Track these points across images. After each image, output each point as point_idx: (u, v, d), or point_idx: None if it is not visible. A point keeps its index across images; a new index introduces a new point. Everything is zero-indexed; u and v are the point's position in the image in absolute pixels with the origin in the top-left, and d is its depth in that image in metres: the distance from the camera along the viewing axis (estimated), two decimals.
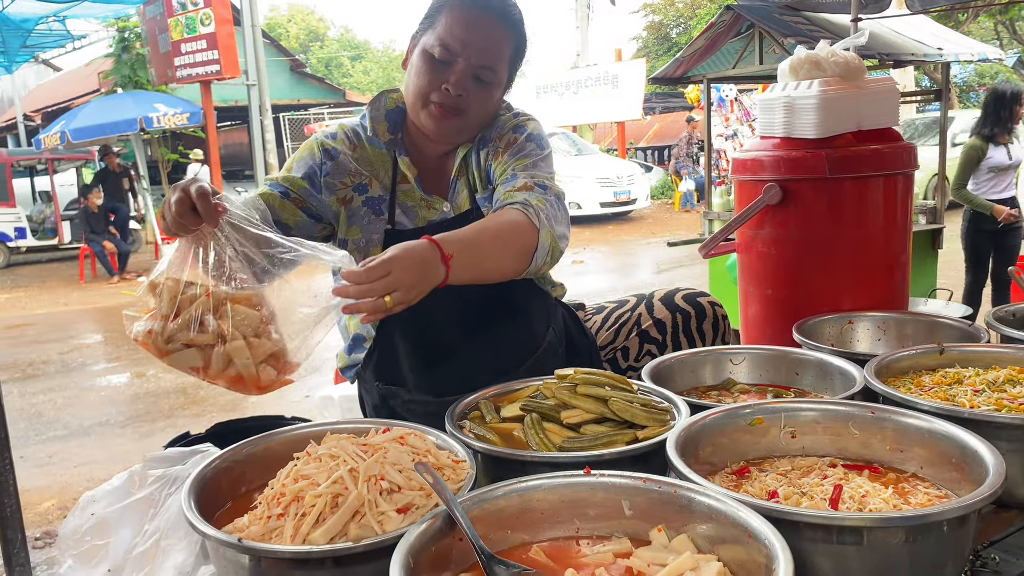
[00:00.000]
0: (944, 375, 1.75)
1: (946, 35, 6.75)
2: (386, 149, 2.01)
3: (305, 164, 1.98)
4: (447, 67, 1.85)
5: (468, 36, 1.85)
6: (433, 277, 1.48)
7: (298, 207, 1.94)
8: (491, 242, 1.68)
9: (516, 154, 1.95)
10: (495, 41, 1.89)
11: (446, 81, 1.85)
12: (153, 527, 1.40)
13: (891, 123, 2.44)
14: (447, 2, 1.89)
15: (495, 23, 1.89)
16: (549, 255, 1.78)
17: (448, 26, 1.85)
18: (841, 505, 1.25)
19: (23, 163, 16.74)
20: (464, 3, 1.87)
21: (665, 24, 36.14)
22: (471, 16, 1.86)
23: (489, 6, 1.88)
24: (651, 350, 2.17)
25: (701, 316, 2.18)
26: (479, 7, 1.87)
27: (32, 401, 6.23)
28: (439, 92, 1.86)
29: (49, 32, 15.30)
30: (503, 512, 1.21)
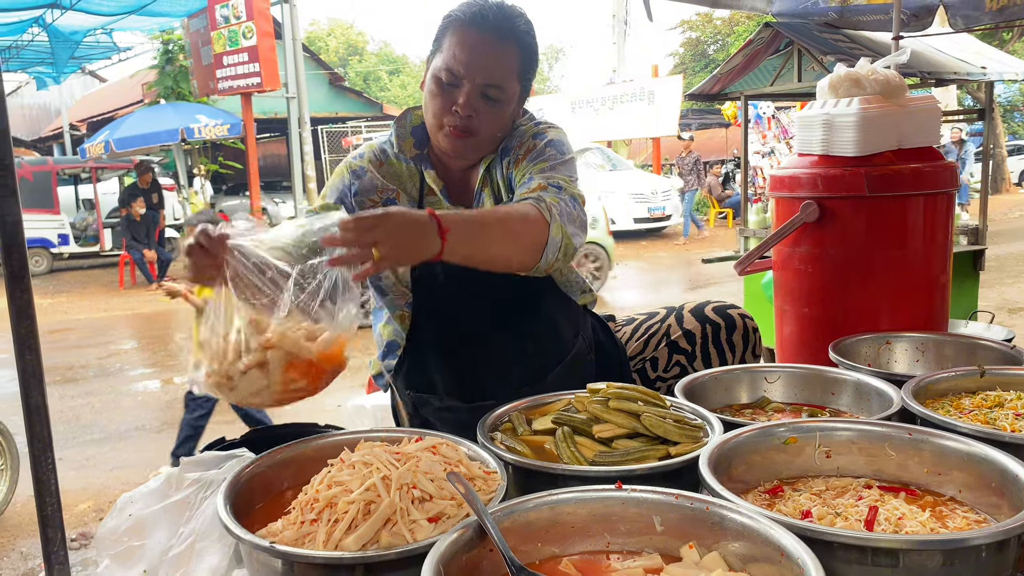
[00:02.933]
0: (984, 398, 1.71)
1: (990, 54, 6.66)
2: (413, 164, 2.06)
3: (336, 189, 2.08)
4: (455, 90, 1.89)
5: (471, 58, 1.87)
6: (426, 245, 1.47)
7: None
8: (496, 226, 1.68)
9: (535, 159, 1.96)
10: (499, 59, 1.91)
11: (455, 103, 1.89)
12: (188, 529, 1.42)
13: (932, 142, 2.41)
14: (450, 25, 1.91)
15: (497, 41, 1.90)
16: (561, 251, 1.76)
17: (452, 50, 1.88)
18: (876, 527, 1.23)
19: (68, 171, 17.14)
20: (464, 25, 1.89)
21: (702, 41, 36.06)
22: (472, 38, 1.88)
23: (489, 25, 1.89)
24: (680, 361, 2.17)
25: (731, 328, 2.18)
26: (479, 27, 1.88)
27: (71, 404, 6.35)
28: (450, 115, 1.90)
29: (96, 44, 15.70)
30: (534, 524, 1.21)
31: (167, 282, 4.96)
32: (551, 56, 53.47)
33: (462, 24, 1.89)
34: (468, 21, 1.88)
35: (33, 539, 4.00)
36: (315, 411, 5.73)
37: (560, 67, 72.01)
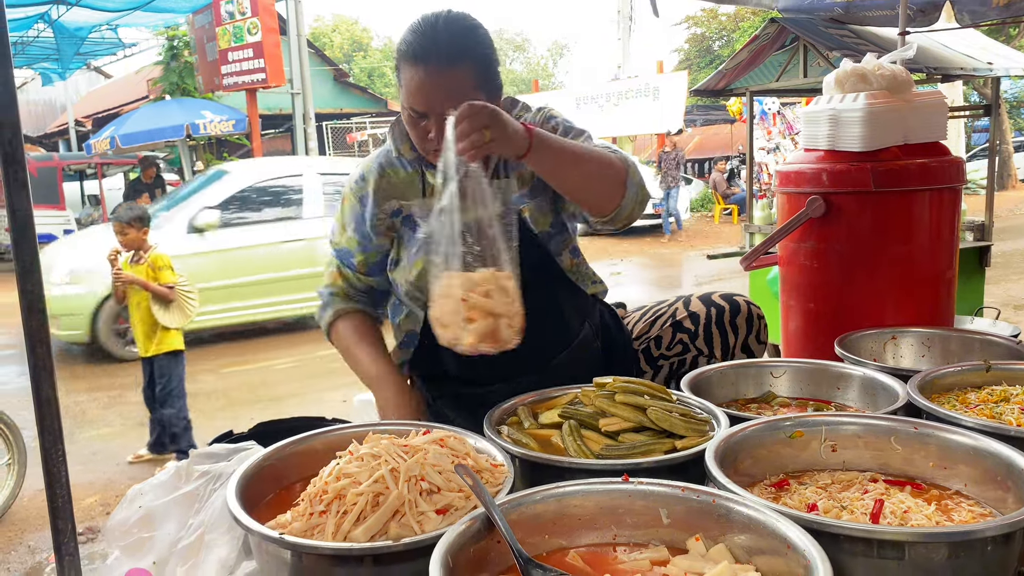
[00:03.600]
0: (990, 393, 1.72)
1: (997, 49, 6.64)
2: (412, 168, 2.08)
3: (353, 219, 2.13)
4: (424, 119, 1.88)
5: (427, 94, 1.84)
6: (516, 138, 1.65)
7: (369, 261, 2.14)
8: (581, 151, 1.82)
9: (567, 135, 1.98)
10: (455, 85, 1.84)
11: (428, 131, 1.89)
12: (198, 521, 1.43)
13: (939, 137, 2.41)
14: (401, 59, 1.87)
15: (449, 69, 1.83)
16: (639, 197, 1.89)
17: (407, 87, 1.86)
18: (882, 520, 1.23)
19: (73, 167, 17.18)
20: (414, 60, 1.83)
21: (707, 37, 35.98)
22: (420, 74, 1.83)
23: (439, 55, 1.82)
24: (683, 339, 2.20)
25: (735, 311, 2.20)
26: (426, 61, 1.82)
27: (77, 399, 6.38)
28: (428, 142, 1.91)
29: (102, 40, 15.71)
30: (541, 516, 1.22)
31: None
32: (555, 52, 53.39)
33: (412, 59, 1.83)
34: (417, 55, 1.82)
35: (40, 532, 4.02)
36: (321, 406, 5.75)
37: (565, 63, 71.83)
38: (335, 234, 2.20)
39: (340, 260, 2.18)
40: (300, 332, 8.80)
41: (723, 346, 2.19)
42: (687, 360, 2.20)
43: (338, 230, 2.18)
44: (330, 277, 2.20)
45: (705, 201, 20.49)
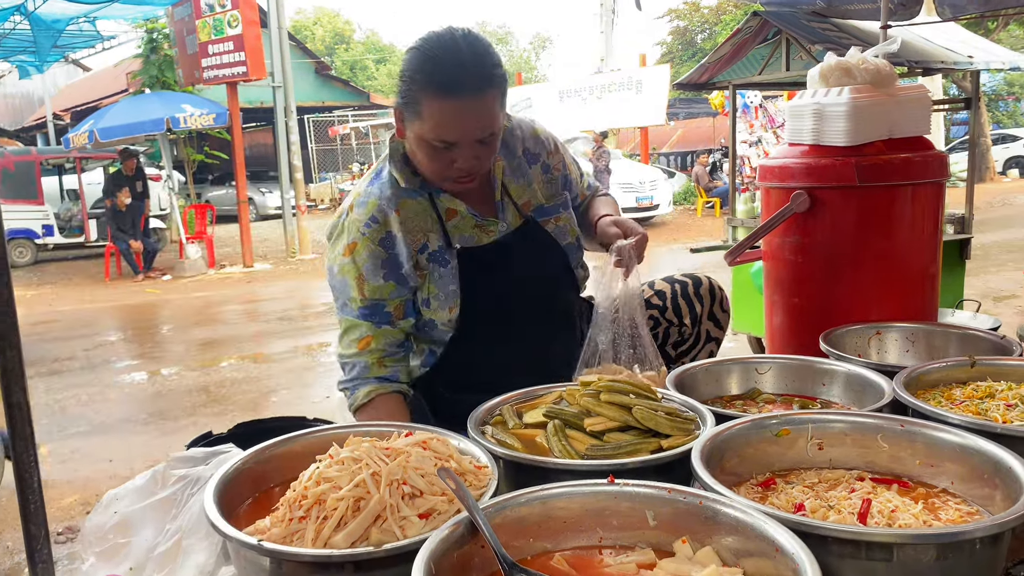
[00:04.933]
0: (975, 388, 1.71)
1: (976, 43, 6.66)
2: (421, 196, 2.04)
3: (378, 267, 1.99)
4: (450, 150, 1.87)
5: (459, 124, 1.83)
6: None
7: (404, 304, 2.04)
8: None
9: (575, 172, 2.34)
10: (486, 111, 1.85)
11: (454, 161, 1.88)
12: (175, 527, 1.40)
13: (923, 131, 2.40)
14: (423, 91, 1.82)
15: (480, 98, 1.83)
16: None
17: (436, 121, 1.82)
18: (870, 520, 1.22)
19: (52, 161, 16.96)
20: (443, 94, 1.80)
21: (690, 29, 36.07)
22: (454, 106, 1.81)
23: (469, 87, 1.81)
24: (653, 315, 2.28)
25: (697, 284, 2.32)
26: (457, 92, 1.80)
27: (56, 397, 6.30)
28: (452, 171, 1.91)
29: (79, 32, 15.52)
30: (525, 520, 1.20)
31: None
32: (538, 45, 53.34)
33: (440, 94, 1.80)
34: (447, 87, 1.79)
35: (19, 532, 3.97)
36: (303, 402, 5.71)
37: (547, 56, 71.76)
38: (349, 293, 1.99)
39: (369, 319, 1.99)
40: (282, 326, 8.76)
41: (691, 315, 2.29)
42: (659, 334, 2.29)
43: (353, 287, 1.99)
44: (357, 345, 1.99)
45: (688, 194, 20.54)
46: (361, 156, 26.05)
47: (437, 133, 1.84)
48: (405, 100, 1.88)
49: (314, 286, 11.68)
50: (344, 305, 2.02)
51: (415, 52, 1.87)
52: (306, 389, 6.12)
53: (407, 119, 1.90)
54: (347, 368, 2.01)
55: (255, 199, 21.92)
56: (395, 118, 1.96)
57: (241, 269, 13.45)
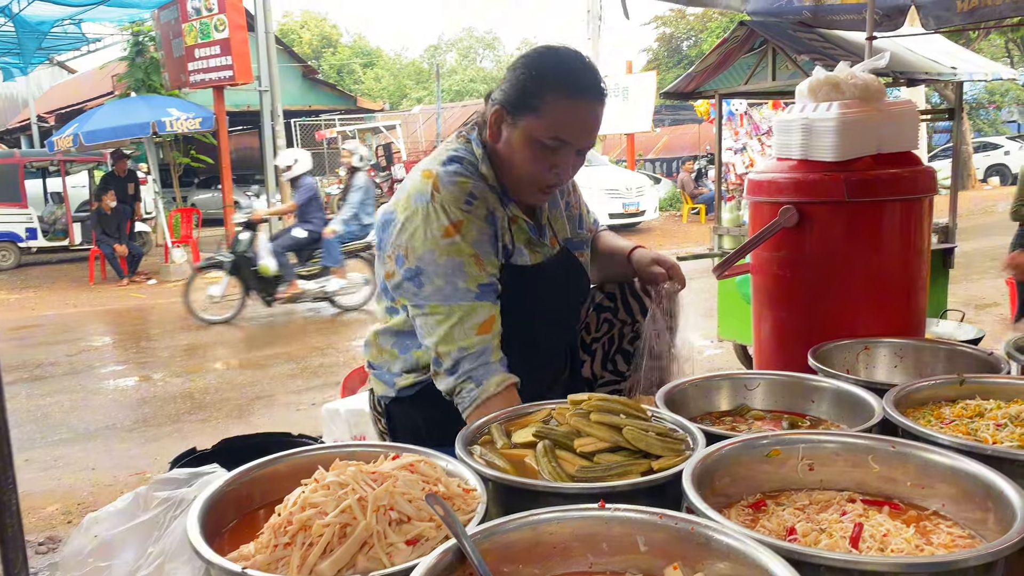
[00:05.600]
0: (964, 407, 1.71)
1: (958, 53, 6.72)
2: (494, 195, 2.02)
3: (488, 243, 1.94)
4: (556, 153, 1.92)
5: (580, 126, 1.91)
6: None
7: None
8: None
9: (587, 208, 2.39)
10: (597, 121, 1.95)
11: (556, 166, 1.94)
12: (157, 550, 1.37)
13: (911, 147, 2.41)
14: (551, 89, 1.88)
15: (597, 105, 1.93)
16: None
17: (558, 118, 1.88)
18: (862, 544, 1.21)
19: (36, 164, 16.83)
20: (571, 95, 1.88)
21: (676, 36, 36.24)
22: (581, 107, 1.90)
23: (591, 89, 1.91)
24: (607, 318, 2.32)
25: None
26: (584, 94, 1.90)
27: (39, 403, 6.23)
28: (550, 175, 1.95)
29: (64, 35, 15.43)
30: (515, 546, 1.18)
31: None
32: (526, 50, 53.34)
33: (568, 93, 1.88)
34: (574, 91, 1.88)
35: None
36: (289, 410, 5.68)
37: None
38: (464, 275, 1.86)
39: (489, 299, 1.88)
40: (268, 331, 8.71)
41: (642, 311, 2.28)
42: (615, 336, 2.32)
43: (469, 265, 1.86)
44: (477, 330, 1.84)
45: (673, 200, 20.61)
46: None
47: (555, 131, 1.88)
48: (520, 96, 1.91)
49: None
50: (454, 291, 1.85)
51: (542, 53, 1.95)
52: (292, 396, 6.08)
53: (515, 118, 1.93)
54: (465, 360, 1.83)
55: (241, 203, 21.76)
56: (492, 119, 1.97)
57: None
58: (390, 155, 24.43)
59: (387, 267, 1.98)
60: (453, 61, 52.83)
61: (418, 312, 1.90)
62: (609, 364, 2.33)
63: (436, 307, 1.86)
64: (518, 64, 1.97)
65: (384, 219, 2.01)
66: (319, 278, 9.22)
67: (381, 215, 2.04)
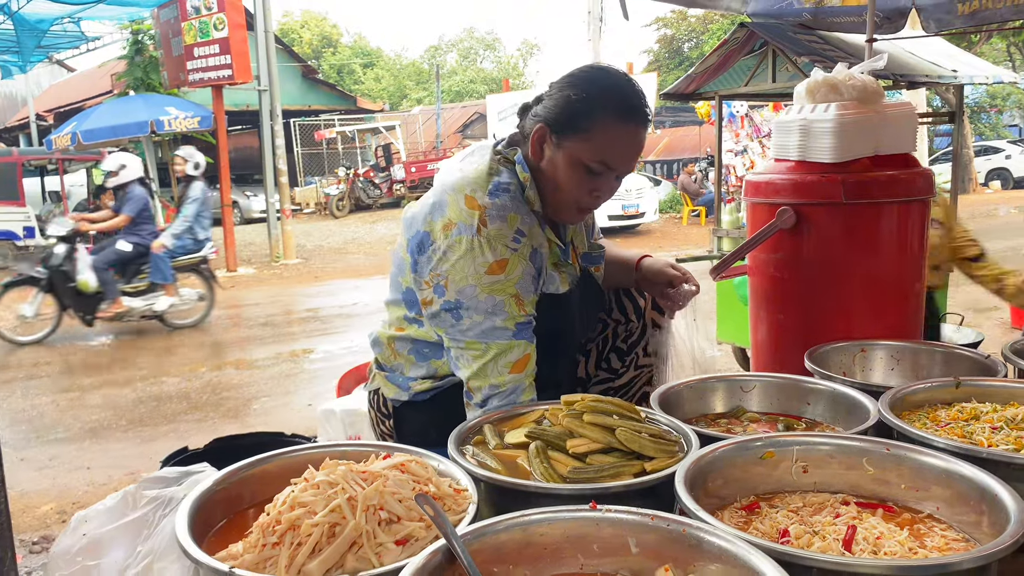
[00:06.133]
0: (960, 410, 1.70)
1: (959, 56, 6.72)
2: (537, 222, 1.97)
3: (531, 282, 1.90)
4: (599, 177, 1.90)
5: (627, 152, 1.90)
6: None
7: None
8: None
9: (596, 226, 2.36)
10: (642, 145, 1.95)
11: (597, 190, 1.93)
12: (146, 549, 1.36)
13: (909, 148, 2.39)
14: (599, 114, 1.85)
15: (643, 132, 1.93)
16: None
17: (606, 144, 1.86)
18: (855, 547, 1.20)
19: (34, 163, 16.78)
20: (621, 119, 1.86)
21: (677, 38, 36.25)
22: (630, 132, 1.89)
23: (639, 119, 1.89)
24: (601, 317, 2.30)
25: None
26: (632, 120, 1.88)
27: (34, 402, 6.22)
28: (589, 196, 1.94)
29: (64, 33, 15.39)
30: (505, 546, 1.17)
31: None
32: (526, 52, 53.46)
33: (618, 119, 1.86)
34: (624, 116, 1.86)
35: None
36: (286, 410, 5.66)
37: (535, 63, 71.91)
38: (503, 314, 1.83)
39: (525, 337, 1.86)
40: (265, 331, 8.69)
41: (635, 310, 2.28)
42: (608, 336, 2.29)
43: (510, 305, 1.83)
44: (511, 369, 1.83)
45: (673, 202, 20.60)
46: (347, 160, 25.97)
47: (603, 155, 1.86)
48: (568, 118, 1.87)
49: (297, 292, 11.62)
50: (492, 329, 1.82)
51: (592, 73, 1.92)
52: (289, 396, 6.06)
53: (561, 138, 1.88)
54: (495, 397, 1.83)
55: (240, 202, 21.80)
56: (535, 137, 1.92)
57: (224, 273, 13.35)
58: (389, 155, 24.46)
59: (423, 294, 1.91)
60: (453, 62, 52.86)
61: (454, 344, 1.87)
62: (603, 363, 2.32)
63: (473, 343, 1.83)
64: (567, 82, 1.91)
65: (419, 237, 1.91)
66: (146, 295, 8.55)
67: (411, 225, 1.96)
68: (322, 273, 13.22)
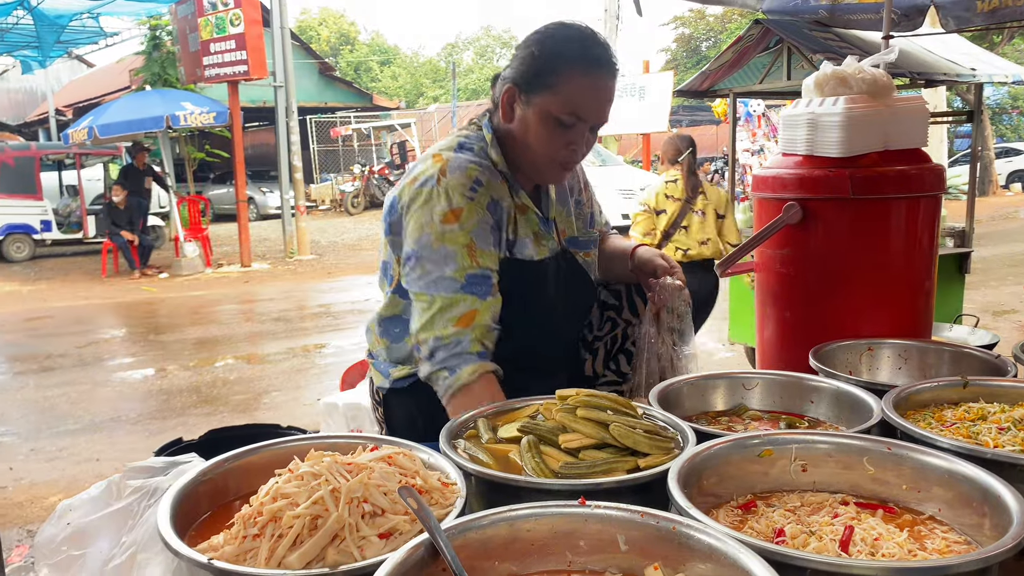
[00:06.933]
0: (967, 410, 1.66)
1: (980, 55, 6.62)
2: (503, 180, 2.01)
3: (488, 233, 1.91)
4: (572, 129, 1.91)
5: (596, 101, 1.91)
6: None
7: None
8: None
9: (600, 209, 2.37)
10: (611, 96, 1.95)
11: (573, 142, 1.93)
12: (130, 539, 1.35)
13: (919, 143, 2.35)
14: (565, 67, 1.87)
15: (611, 81, 1.93)
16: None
17: (574, 94, 1.87)
18: (852, 548, 1.17)
19: (51, 157, 16.93)
20: (586, 69, 1.88)
21: (695, 37, 36.07)
22: (595, 82, 1.90)
23: (605, 64, 1.91)
24: (610, 316, 2.26)
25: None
26: (599, 69, 1.89)
27: (47, 394, 6.25)
28: (566, 152, 1.94)
29: (83, 28, 15.54)
30: (491, 541, 1.14)
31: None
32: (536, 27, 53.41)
33: (583, 69, 1.87)
34: (588, 65, 1.88)
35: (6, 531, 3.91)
36: (295, 404, 5.66)
37: None
38: (453, 264, 1.83)
39: (475, 292, 1.83)
40: (278, 326, 8.71)
41: (647, 308, 2.21)
42: (618, 335, 2.26)
43: (460, 255, 1.83)
44: (455, 323, 1.80)
45: None
46: (363, 158, 26.02)
47: (572, 107, 1.87)
48: (535, 74, 1.90)
49: (311, 287, 11.64)
50: (439, 280, 1.83)
51: (556, 29, 1.93)
52: (299, 391, 6.07)
53: (529, 96, 1.92)
54: (439, 350, 1.80)
55: (256, 198, 21.89)
56: (504, 99, 1.96)
57: (239, 269, 13.41)
58: (404, 153, 24.47)
59: (385, 254, 2.01)
60: (470, 60, 52.84)
61: (413, 299, 1.91)
62: (611, 363, 2.29)
63: (421, 295, 1.86)
64: (530, 41, 1.95)
65: (390, 203, 2.02)
66: None
67: (388, 199, 2.05)
68: (335, 269, 13.23)
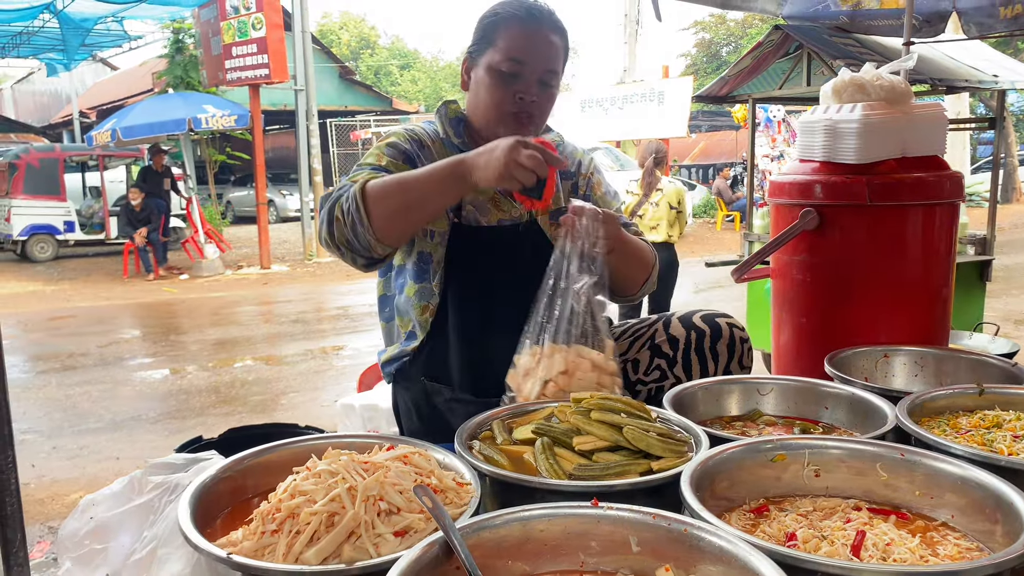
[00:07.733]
0: (983, 418, 1.66)
1: (1003, 62, 6.56)
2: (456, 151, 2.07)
3: (399, 149, 2.05)
4: (516, 79, 2.00)
5: (533, 47, 2.00)
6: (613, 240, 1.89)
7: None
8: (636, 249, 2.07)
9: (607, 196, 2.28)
10: (554, 48, 2.03)
11: (519, 91, 2.00)
12: (151, 534, 1.38)
13: (937, 151, 2.34)
14: (502, 22, 2.02)
15: (551, 32, 2.03)
16: (653, 284, 2.17)
17: (512, 42, 1.99)
18: (863, 553, 1.17)
19: (75, 159, 17.14)
20: (521, 19, 2.01)
21: (715, 42, 35.93)
22: (531, 29, 2.00)
23: (543, 18, 2.03)
24: (660, 365, 2.13)
25: (716, 335, 2.10)
26: (535, 21, 2.01)
27: (68, 393, 6.32)
28: (514, 103, 2.01)
29: (107, 32, 15.70)
30: (504, 541, 1.16)
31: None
32: None
33: (519, 20, 2.00)
34: (523, 17, 2.00)
35: None
36: (313, 405, 5.70)
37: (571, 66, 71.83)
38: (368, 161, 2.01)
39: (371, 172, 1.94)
40: (296, 328, 8.77)
41: (702, 374, 2.10)
42: (665, 387, 2.09)
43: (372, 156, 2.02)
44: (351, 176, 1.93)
45: (708, 207, 20.44)
46: None
47: (510, 53, 1.97)
48: (480, 38, 2.04)
49: (329, 290, 11.71)
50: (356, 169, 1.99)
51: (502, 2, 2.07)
52: (317, 392, 6.11)
53: (477, 59, 2.04)
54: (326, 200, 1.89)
55: (276, 201, 22.05)
56: (462, 70, 2.12)
57: (258, 270, 13.51)
58: None
59: None
60: None
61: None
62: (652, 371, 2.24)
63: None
64: (480, 18, 2.09)
65: None
66: None
67: None
68: (354, 272, 13.28)
